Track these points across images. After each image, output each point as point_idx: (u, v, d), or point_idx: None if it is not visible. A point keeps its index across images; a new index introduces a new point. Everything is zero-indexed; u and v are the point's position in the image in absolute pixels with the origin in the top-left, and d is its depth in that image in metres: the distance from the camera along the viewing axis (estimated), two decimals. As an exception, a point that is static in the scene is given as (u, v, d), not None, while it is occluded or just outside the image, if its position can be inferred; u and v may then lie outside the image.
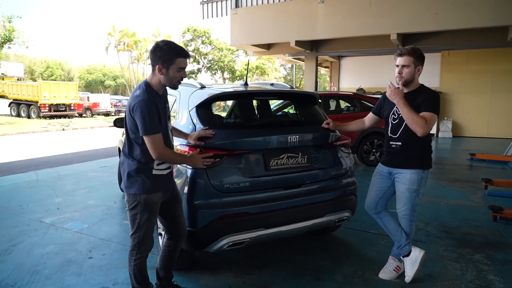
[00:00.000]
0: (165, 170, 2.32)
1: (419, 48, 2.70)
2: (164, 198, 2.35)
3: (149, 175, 2.23)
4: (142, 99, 2.10)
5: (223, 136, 2.65)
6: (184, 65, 2.17)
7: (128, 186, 2.25)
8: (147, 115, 2.07)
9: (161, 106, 2.23)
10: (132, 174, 2.23)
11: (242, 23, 12.35)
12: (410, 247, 2.81)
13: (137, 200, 2.22)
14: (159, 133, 2.14)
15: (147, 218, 2.25)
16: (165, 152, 2.18)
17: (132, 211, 2.27)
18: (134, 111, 2.11)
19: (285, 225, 2.75)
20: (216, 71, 40.38)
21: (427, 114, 2.55)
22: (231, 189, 2.60)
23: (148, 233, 2.29)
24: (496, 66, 12.84)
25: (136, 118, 2.11)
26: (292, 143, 2.79)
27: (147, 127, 2.09)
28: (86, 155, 9.70)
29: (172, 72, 2.15)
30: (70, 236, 3.77)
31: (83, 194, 5.42)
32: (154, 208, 2.28)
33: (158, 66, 2.14)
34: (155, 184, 2.25)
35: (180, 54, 2.14)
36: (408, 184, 2.72)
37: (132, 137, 2.21)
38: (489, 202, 5.03)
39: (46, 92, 23.55)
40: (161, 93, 2.28)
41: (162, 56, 2.12)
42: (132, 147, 2.23)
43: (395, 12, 9.73)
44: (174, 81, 2.19)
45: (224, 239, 2.56)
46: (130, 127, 2.19)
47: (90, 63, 62.97)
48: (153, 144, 2.12)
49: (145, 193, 2.22)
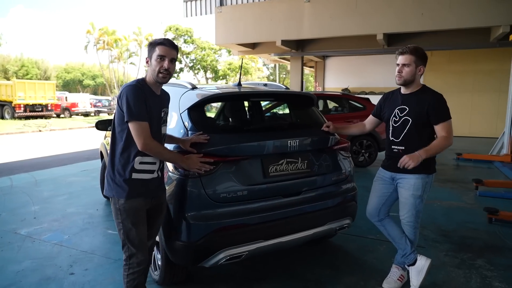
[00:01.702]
0: (147, 175, 2.10)
1: (422, 48, 2.57)
2: (149, 206, 2.16)
3: (128, 180, 2.04)
4: (129, 85, 2.02)
5: (219, 141, 2.44)
6: (163, 52, 2.04)
7: (107, 189, 2.11)
8: (133, 99, 1.96)
9: (154, 105, 2.08)
10: (111, 176, 2.07)
11: (227, 22, 12.11)
12: (415, 255, 2.68)
13: (116, 207, 2.06)
14: (146, 121, 1.99)
15: (132, 227, 2.06)
16: (151, 142, 2.01)
17: (116, 220, 2.10)
18: (121, 97, 2.00)
19: (285, 235, 2.57)
20: (199, 71, 39.91)
21: (445, 126, 2.46)
22: (228, 199, 2.40)
23: (136, 244, 2.08)
24: (478, 66, 13.08)
25: (122, 104, 1.98)
26: (292, 147, 2.61)
27: (132, 112, 1.96)
28: (65, 158, 9.26)
29: (154, 61, 2.05)
30: (49, 249, 3.48)
31: (62, 201, 5.09)
32: (136, 215, 2.08)
33: (146, 59, 2.12)
34: (134, 189, 2.05)
35: (161, 41, 2.06)
36: (412, 189, 2.59)
37: (118, 130, 2.06)
38: (481, 202, 5.01)
39: (21, 92, 22.68)
40: (158, 93, 2.14)
41: (148, 48, 2.10)
42: (115, 144, 2.08)
43: (382, 12, 9.72)
44: (156, 71, 2.05)
45: (220, 253, 2.35)
46: (117, 119, 2.05)
47: (68, 61, 61.18)
48: (138, 131, 1.97)
49: (123, 197, 2.03)
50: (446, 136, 2.46)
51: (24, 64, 49.90)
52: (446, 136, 2.46)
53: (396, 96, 2.67)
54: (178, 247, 2.37)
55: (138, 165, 2.06)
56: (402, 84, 2.57)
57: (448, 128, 2.48)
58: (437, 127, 2.49)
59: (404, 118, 2.55)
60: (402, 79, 2.54)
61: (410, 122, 2.52)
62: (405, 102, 2.57)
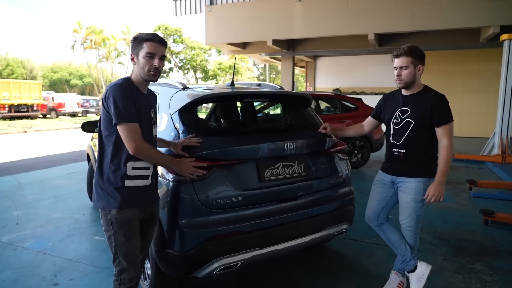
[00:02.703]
0: (141, 181, 1.95)
1: (417, 46, 2.46)
2: (142, 215, 2.00)
3: (120, 187, 1.88)
4: (115, 84, 1.86)
5: (212, 144, 2.31)
6: (152, 49, 1.88)
7: (95, 200, 1.93)
8: (121, 99, 1.80)
9: (143, 106, 1.93)
10: (100, 184, 1.90)
11: (218, 21, 11.96)
12: (415, 261, 2.59)
13: (107, 218, 1.89)
14: (136, 123, 1.83)
15: (124, 240, 1.91)
16: (143, 145, 1.86)
17: (106, 233, 1.93)
18: (107, 99, 1.84)
19: (282, 242, 2.45)
20: (188, 71, 39.60)
21: (446, 129, 2.38)
22: (222, 205, 2.27)
23: (129, 258, 1.93)
24: (467, 67, 13.19)
25: (109, 105, 1.81)
26: (289, 150, 2.50)
27: (120, 113, 1.79)
28: (51, 160, 8.99)
29: (141, 59, 1.89)
30: (32, 258, 3.30)
31: (47, 206, 4.89)
32: (129, 226, 1.93)
33: (131, 55, 1.93)
34: (127, 198, 1.90)
35: (149, 37, 1.89)
36: (413, 194, 2.50)
37: (105, 134, 1.89)
38: (475, 203, 5.00)
39: (5, 92, 22.13)
40: (145, 92, 1.98)
41: (134, 44, 1.92)
42: (103, 149, 1.91)
43: (373, 12, 9.70)
44: (145, 69, 1.89)
45: (214, 262, 2.22)
46: (104, 123, 1.88)
47: (55, 61, 60.20)
48: (129, 134, 1.81)
49: (115, 208, 1.87)
50: (448, 144, 2.38)
51: (9, 63, 48.79)
52: (448, 144, 2.38)
53: (397, 97, 2.58)
54: (169, 256, 2.24)
55: (131, 171, 1.90)
56: (403, 87, 2.47)
57: (450, 131, 2.40)
58: (438, 129, 2.41)
59: (406, 120, 2.46)
60: (403, 83, 2.44)
61: (413, 124, 2.43)
62: (407, 103, 2.48)
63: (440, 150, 2.42)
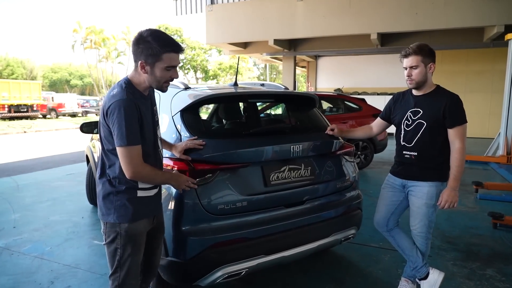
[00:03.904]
0: (153, 190, 1.84)
1: (426, 44, 2.36)
2: (151, 226, 1.88)
3: (132, 198, 1.75)
4: (120, 99, 1.62)
5: (215, 147, 2.21)
6: (175, 62, 1.70)
7: (104, 213, 1.76)
8: (126, 120, 1.60)
9: (146, 109, 1.75)
10: (110, 197, 1.74)
11: (218, 21, 11.86)
12: (427, 268, 2.49)
13: (117, 231, 1.74)
14: (138, 145, 1.66)
15: (130, 254, 1.77)
16: (143, 170, 1.68)
17: (110, 246, 1.77)
18: (109, 115, 1.64)
19: (288, 249, 2.35)
20: (189, 71, 39.52)
21: (459, 130, 2.28)
22: (226, 211, 2.17)
23: (132, 273, 1.80)
24: (470, 67, 13.09)
25: (111, 123, 1.64)
26: (295, 153, 2.40)
27: (123, 136, 1.60)
28: (50, 161, 8.88)
29: (158, 72, 1.68)
30: (28, 263, 3.19)
31: (45, 208, 4.78)
32: (138, 240, 1.80)
33: (140, 63, 1.67)
34: (139, 210, 1.77)
35: (169, 47, 1.66)
36: (425, 198, 2.39)
37: (108, 148, 1.72)
38: (482, 206, 4.89)
39: (5, 92, 22.04)
40: (146, 93, 1.79)
41: (145, 49, 1.64)
42: (109, 161, 1.74)
43: (376, 11, 9.60)
44: (162, 82, 1.72)
45: (218, 270, 2.12)
46: (105, 136, 1.71)
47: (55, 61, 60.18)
48: (128, 159, 1.63)
49: (127, 221, 1.73)
50: (461, 147, 2.27)
51: (10, 63, 48.69)
52: (461, 146, 2.27)
53: (408, 98, 2.47)
54: (170, 264, 2.14)
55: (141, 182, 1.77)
56: (415, 88, 2.37)
57: (463, 133, 2.30)
58: (451, 131, 2.31)
59: (417, 121, 2.35)
60: (414, 83, 2.34)
61: (425, 125, 2.32)
62: (419, 104, 2.37)
63: (452, 154, 2.31)
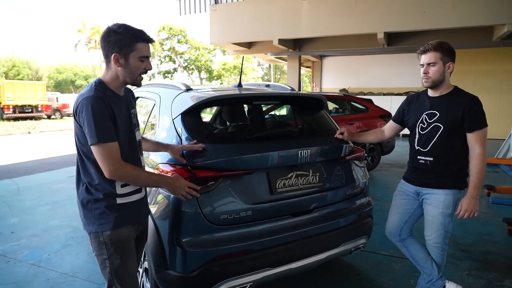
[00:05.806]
0: (134, 196, 1.72)
1: (447, 42, 2.21)
2: (137, 232, 1.79)
3: (112, 206, 1.64)
4: (87, 97, 1.56)
5: (218, 152, 2.08)
6: (147, 53, 1.67)
7: (85, 223, 1.67)
8: (94, 116, 1.52)
9: (119, 109, 1.64)
10: (88, 206, 1.65)
11: (222, 20, 11.73)
12: (443, 281, 2.34)
13: (100, 240, 1.65)
14: (113, 142, 1.56)
15: (121, 263, 1.67)
16: (122, 167, 1.57)
17: (99, 257, 1.68)
18: (78, 114, 1.57)
19: (296, 261, 2.21)
20: (193, 71, 39.48)
21: (479, 135, 2.13)
22: (229, 221, 2.04)
23: (127, 283, 1.70)
24: (478, 66, 12.86)
25: (82, 123, 1.56)
26: (303, 158, 2.25)
27: (93, 133, 1.52)
28: (52, 162, 8.80)
29: (133, 62, 1.63)
30: (24, 271, 3.08)
31: (45, 212, 4.68)
32: (126, 247, 1.70)
33: (114, 55, 1.61)
34: (121, 216, 1.66)
35: (141, 37, 1.64)
36: (441, 207, 2.25)
37: (83, 151, 1.63)
38: (495, 211, 4.72)
39: (10, 93, 22.06)
40: (121, 94, 1.71)
41: (118, 41, 1.60)
42: (84, 166, 1.65)
43: (382, 10, 9.41)
44: (137, 74, 1.66)
45: (221, 285, 1.99)
46: (81, 139, 1.62)
47: (60, 62, 60.48)
48: (103, 156, 1.53)
49: (109, 229, 1.63)
50: (481, 152, 2.13)
51: (15, 64, 48.97)
52: (481, 152, 2.13)
53: (423, 99, 2.32)
54: (170, 278, 2.00)
55: (120, 188, 1.66)
56: (431, 87, 2.22)
57: (483, 137, 2.15)
58: (470, 135, 2.15)
59: (434, 124, 2.20)
60: (430, 81, 2.19)
61: (442, 129, 2.17)
62: (435, 106, 2.22)
63: (472, 160, 2.16)
